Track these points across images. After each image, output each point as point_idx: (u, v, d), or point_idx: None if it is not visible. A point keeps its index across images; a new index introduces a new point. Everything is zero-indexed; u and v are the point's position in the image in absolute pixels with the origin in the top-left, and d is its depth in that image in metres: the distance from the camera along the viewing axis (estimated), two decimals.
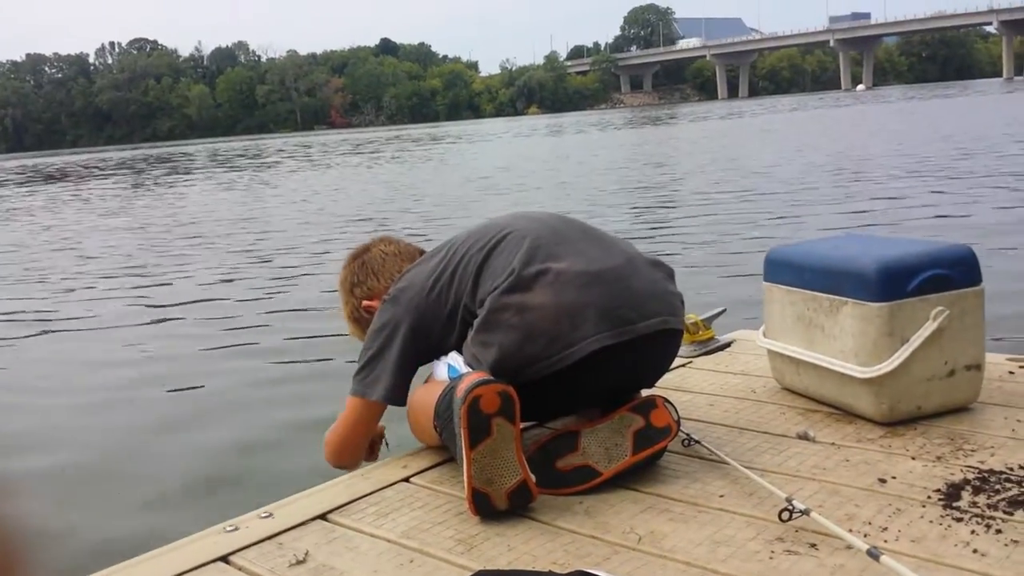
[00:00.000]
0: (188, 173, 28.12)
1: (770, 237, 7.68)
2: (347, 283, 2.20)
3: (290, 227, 11.21)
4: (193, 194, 18.74)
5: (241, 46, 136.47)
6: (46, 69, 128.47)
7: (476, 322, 1.82)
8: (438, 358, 1.94)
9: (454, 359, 1.88)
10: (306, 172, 23.99)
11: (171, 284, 7.71)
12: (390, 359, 1.92)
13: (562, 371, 1.75)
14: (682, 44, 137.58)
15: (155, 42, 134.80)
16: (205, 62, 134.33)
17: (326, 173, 22.90)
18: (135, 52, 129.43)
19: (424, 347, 1.95)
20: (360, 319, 2.17)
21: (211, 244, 10.20)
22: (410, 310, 1.93)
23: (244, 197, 16.75)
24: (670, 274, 1.94)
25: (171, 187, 21.59)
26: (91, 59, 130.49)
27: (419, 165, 23.34)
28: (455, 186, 15.75)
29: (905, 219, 7.89)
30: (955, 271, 1.97)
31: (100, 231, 12.55)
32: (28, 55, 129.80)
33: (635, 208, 10.51)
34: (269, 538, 1.64)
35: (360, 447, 2.01)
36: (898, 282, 1.92)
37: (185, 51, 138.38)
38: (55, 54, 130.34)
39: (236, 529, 1.68)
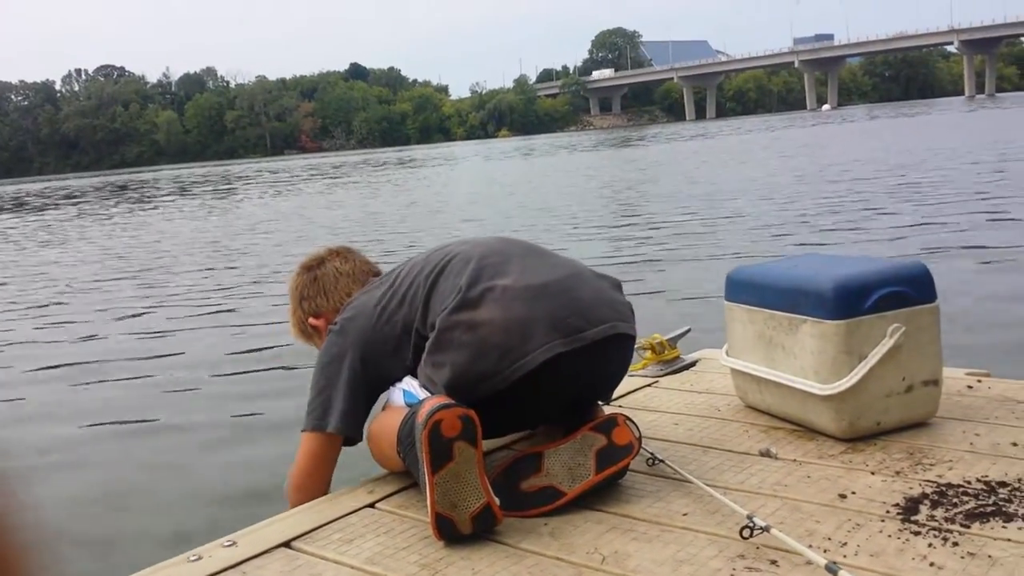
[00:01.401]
0: (145, 202, 27.79)
1: (734, 253, 7.77)
2: (296, 293, 2.19)
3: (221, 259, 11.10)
4: (132, 226, 18.18)
5: (210, 72, 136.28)
6: (12, 97, 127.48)
7: (428, 344, 1.83)
8: (393, 386, 1.94)
9: (408, 384, 1.88)
10: (261, 200, 23.75)
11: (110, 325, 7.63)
12: (340, 391, 1.92)
13: (517, 384, 1.76)
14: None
15: (122, 68, 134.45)
16: (173, 88, 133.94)
17: (275, 199, 22.85)
18: (102, 79, 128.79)
19: (374, 377, 1.95)
20: (306, 331, 2.18)
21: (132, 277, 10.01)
22: (358, 341, 1.94)
23: (182, 228, 16.43)
24: (617, 285, 1.97)
25: (109, 219, 21.09)
26: (57, 86, 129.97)
27: (378, 191, 23.22)
28: (407, 211, 15.70)
29: (861, 238, 7.98)
30: (910, 288, 2.00)
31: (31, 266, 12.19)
32: None
33: (600, 231, 10.56)
34: (233, 567, 1.63)
35: (322, 484, 1.97)
36: (855, 300, 1.95)
37: (153, 77, 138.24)
38: (21, 81, 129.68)
39: (199, 558, 1.67)
